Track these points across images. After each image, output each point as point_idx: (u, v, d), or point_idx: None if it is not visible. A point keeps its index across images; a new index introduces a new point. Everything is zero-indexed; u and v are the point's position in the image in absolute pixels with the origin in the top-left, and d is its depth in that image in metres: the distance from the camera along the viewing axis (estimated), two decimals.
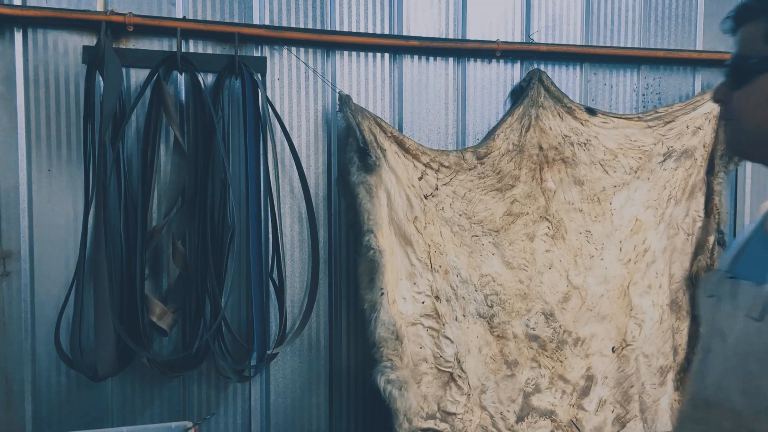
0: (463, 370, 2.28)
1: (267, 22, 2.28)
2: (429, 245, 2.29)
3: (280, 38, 2.26)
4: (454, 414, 2.27)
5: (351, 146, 2.20)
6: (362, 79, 2.38)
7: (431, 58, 2.44)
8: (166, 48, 2.18)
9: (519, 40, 2.52)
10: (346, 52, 2.36)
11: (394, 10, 2.41)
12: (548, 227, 2.42)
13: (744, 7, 1.08)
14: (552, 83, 2.44)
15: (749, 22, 1.07)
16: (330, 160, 2.37)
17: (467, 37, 2.48)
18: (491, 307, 2.34)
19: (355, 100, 2.28)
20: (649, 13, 2.66)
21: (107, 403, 2.19)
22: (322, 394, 2.39)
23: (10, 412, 2.11)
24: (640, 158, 2.52)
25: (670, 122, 2.57)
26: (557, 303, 2.42)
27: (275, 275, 2.25)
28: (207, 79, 2.19)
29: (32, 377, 2.13)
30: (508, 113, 2.43)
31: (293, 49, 2.30)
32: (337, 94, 2.28)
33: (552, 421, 2.41)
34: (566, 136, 2.43)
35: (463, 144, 2.49)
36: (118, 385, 2.19)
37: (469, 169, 2.35)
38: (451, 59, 2.46)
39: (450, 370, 2.27)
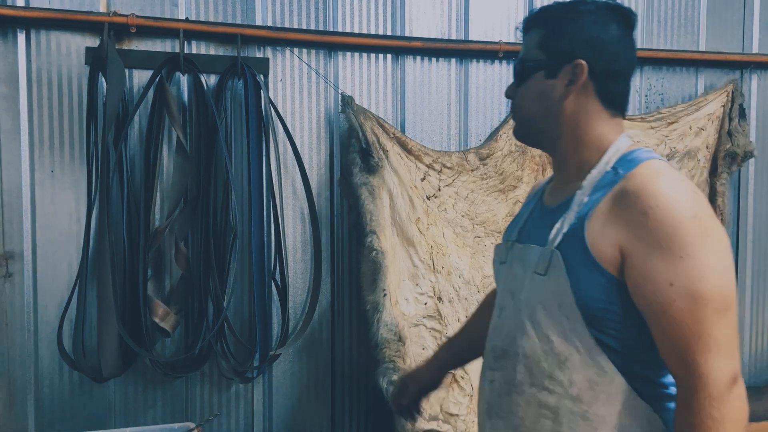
0: (465, 371, 2.27)
1: (269, 23, 2.28)
2: (431, 246, 2.28)
3: (283, 39, 2.26)
4: (457, 415, 2.26)
5: (353, 147, 2.20)
6: (365, 80, 2.38)
7: (434, 59, 2.44)
8: (168, 49, 2.18)
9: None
10: (348, 53, 2.36)
11: (396, 11, 2.40)
12: None
13: (528, 19, 1.35)
14: None
15: (530, 32, 1.32)
16: (332, 161, 2.37)
17: (470, 38, 2.47)
18: None
19: (357, 101, 2.28)
20: (652, 13, 2.65)
21: (110, 404, 2.19)
22: (325, 395, 2.39)
23: (12, 413, 2.11)
24: None
25: (673, 123, 2.56)
26: None
27: (278, 276, 2.25)
28: (209, 80, 2.19)
29: (35, 378, 2.13)
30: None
31: (296, 50, 2.30)
32: (340, 95, 2.28)
33: None
34: None
35: (466, 145, 2.49)
36: (121, 386, 2.19)
37: (472, 170, 2.35)
38: (453, 60, 2.46)
39: (452, 371, 2.26)
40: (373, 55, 2.38)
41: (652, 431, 1.14)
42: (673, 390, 1.16)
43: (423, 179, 2.29)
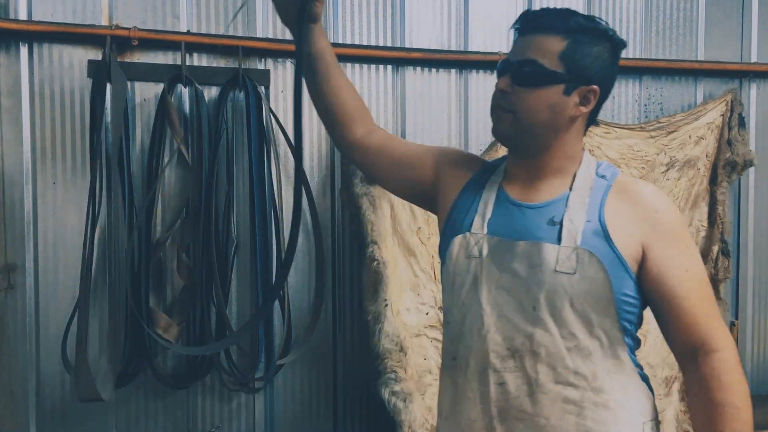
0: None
1: (270, 36, 2.29)
2: (433, 256, 2.28)
3: (284, 51, 2.27)
4: None
5: None
6: (365, 90, 2.39)
7: (434, 70, 2.45)
8: (170, 61, 2.18)
9: None
10: (349, 64, 2.37)
11: (396, 22, 2.42)
12: None
13: (543, 17, 1.24)
14: None
15: (545, 33, 1.23)
16: (333, 172, 2.37)
17: (470, 49, 2.49)
18: None
19: None
20: (651, 23, 2.67)
21: (111, 415, 2.18)
22: (327, 406, 2.38)
23: (14, 424, 2.11)
24: (643, 168, 2.53)
25: (672, 132, 2.57)
26: None
27: None
28: (211, 92, 2.20)
29: (36, 389, 2.12)
30: None
31: None
32: None
33: None
34: None
35: None
36: (123, 397, 2.18)
37: None
38: (453, 70, 2.47)
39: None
40: (373, 66, 2.39)
41: (649, 403, 1.28)
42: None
43: None
